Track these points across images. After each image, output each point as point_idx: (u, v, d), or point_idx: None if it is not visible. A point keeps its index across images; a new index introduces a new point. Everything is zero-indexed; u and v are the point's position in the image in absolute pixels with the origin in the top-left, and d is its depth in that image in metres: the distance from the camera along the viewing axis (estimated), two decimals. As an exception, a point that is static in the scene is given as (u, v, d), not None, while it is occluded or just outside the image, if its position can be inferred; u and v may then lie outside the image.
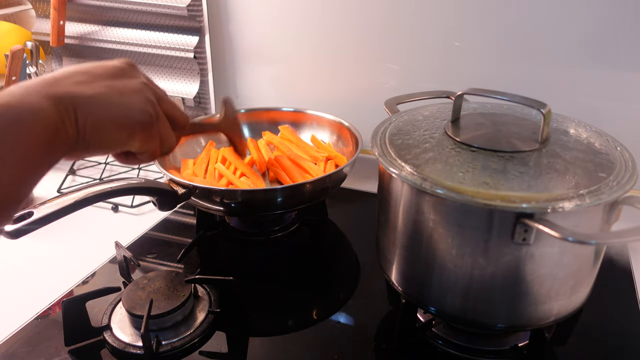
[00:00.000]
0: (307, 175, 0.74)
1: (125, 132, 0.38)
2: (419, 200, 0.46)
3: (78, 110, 0.34)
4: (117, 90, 0.38)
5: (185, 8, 0.89)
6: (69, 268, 0.68)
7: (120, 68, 0.40)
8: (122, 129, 0.38)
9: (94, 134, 0.35)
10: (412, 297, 0.52)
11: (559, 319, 0.48)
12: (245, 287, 0.64)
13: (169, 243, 0.74)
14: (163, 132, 0.43)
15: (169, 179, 0.64)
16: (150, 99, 0.40)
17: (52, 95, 0.33)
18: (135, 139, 0.39)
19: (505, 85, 0.65)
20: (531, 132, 0.49)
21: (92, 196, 0.50)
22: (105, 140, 0.37)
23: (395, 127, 0.54)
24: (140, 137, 0.40)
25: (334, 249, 0.75)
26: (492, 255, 0.44)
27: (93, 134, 0.35)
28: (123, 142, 0.39)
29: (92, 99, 0.35)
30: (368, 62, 0.87)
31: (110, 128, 0.37)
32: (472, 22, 0.78)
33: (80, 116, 0.34)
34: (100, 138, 0.36)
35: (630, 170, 0.45)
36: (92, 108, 0.35)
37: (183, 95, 0.97)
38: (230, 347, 0.55)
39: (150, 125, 0.40)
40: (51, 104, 0.32)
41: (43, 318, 0.59)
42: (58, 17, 0.96)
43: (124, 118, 0.38)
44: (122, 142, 0.39)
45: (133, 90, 0.39)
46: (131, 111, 0.38)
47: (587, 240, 0.38)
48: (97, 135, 0.36)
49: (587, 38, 0.72)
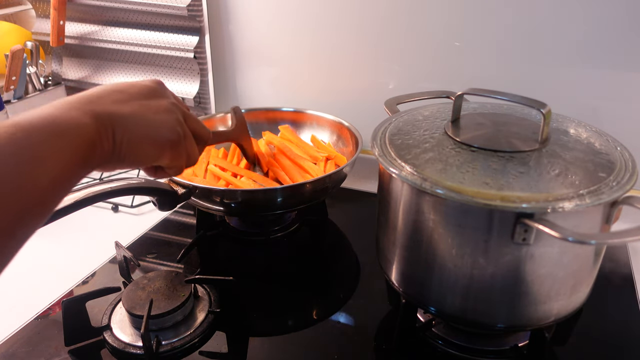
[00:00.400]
0: (307, 175, 0.74)
1: (157, 149, 0.42)
2: (419, 200, 0.46)
3: (116, 127, 0.37)
4: (152, 110, 0.41)
5: (185, 8, 0.89)
6: (69, 268, 0.68)
7: (153, 88, 0.44)
8: (154, 146, 0.41)
9: (128, 150, 0.38)
10: (412, 297, 0.52)
11: (559, 319, 0.48)
12: (245, 287, 0.64)
13: (169, 243, 0.74)
14: (189, 149, 0.46)
15: (169, 179, 0.64)
16: (179, 119, 0.44)
17: (93, 112, 0.36)
18: (165, 156, 0.43)
19: (505, 85, 0.65)
20: (531, 132, 0.49)
21: (92, 196, 0.50)
22: (138, 155, 0.40)
23: (395, 127, 0.54)
24: (170, 154, 0.43)
25: (334, 249, 0.75)
26: (492, 255, 0.44)
27: (128, 150, 0.38)
28: (154, 157, 0.42)
29: (129, 117, 0.39)
30: (368, 62, 0.87)
31: (144, 145, 0.40)
32: (472, 22, 0.78)
33: (118, 133, 0.37)
34: (134, 153, 0.39)
35: (630, 170, 0.45)
36: (128, 126, 0.38)
37: (183, 95, 0.97)
38: (230, 347, 0.55)
39: (179, 143, 0.44)
40: (92, 121, 0.35)
41: (43, 318, 0.59)
42: (58, 17, 0.96)
43: (156, 136, 0.41)
44: (153, 157, 0.42)
45: (164, 110, 0.43)
46: (163, 130, 0.42)
47: (587, 240, 0.38)
48: (132, 151, 0.39)
49: (587, 38, 0.72)
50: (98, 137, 0.36)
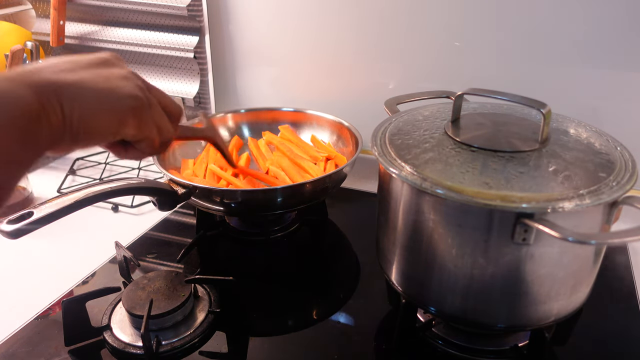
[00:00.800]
0: (307, 175, 0.74)
1: (115, 118, 0.36)
2: (419, 200, 0.46)
3: (62, 98, 0.32)
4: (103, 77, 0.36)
5: (185, 8, 0.89)
6: (69, 268, 0.68)
7: (106, 59, 0.38)
8: (111, 115, 0.36)
9: (82, 122, 0.33)
10: (412, 297, 0.52)
11: (559, 319, 0.48)
12: (245, 287, 0.64)
13: (169, 243, 0.74)
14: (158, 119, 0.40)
15: (169, 179, 0.64)
16: (138, 84, 0.39)
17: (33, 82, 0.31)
18: (128, 125, 0.37)
19: (505, 85, 0.65)
20: (531, 132, 0.49)
21: (92, 196, 0.50)
22: (94, 128, 0.35)
23: (395, 127, 0.54)
24: (133, 122, 0.38)
25: (334, 249, 0.75)
26: (492, 255, 0.44)
27: (81, 122, 0.33)
28: (114, 129, 0.37)
29: (77, 85, 0.34)
30: (368, 62, 0.87)
31: (99, 114, 0.35)
32: (472, 22, 0.78)
33: (66, 104, 0.32)
34: (89, 126, 0.34)
35: (630, 170, 0.45)
36: (77, 95, 0.33)
37: (183, 95, 0.97)
38: (230, 347, 0.55)
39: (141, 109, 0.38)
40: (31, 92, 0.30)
41: (43, 318, 0.59)
42: (58, 17, 0.96)
43: (112, 102, 0.36)
44: (112, 129, 0.37)
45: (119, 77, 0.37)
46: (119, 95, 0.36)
47: (587, 240, 0.38)
48: (86, 124, 0.34)
49: (587, 38, 0.72)
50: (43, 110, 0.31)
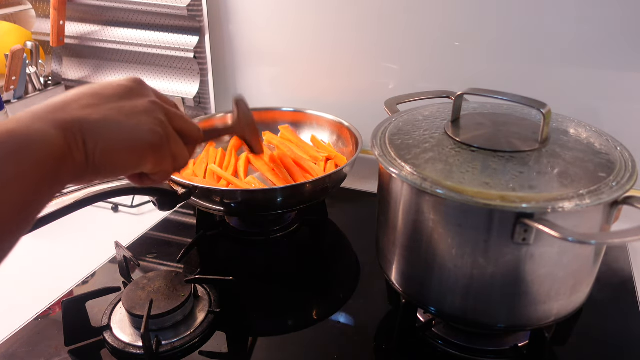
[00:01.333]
0: (307, 175, 0.74)
1: (135, 155, 0.37)
2: (419, 200, 0.46)
3: (87, 135, 0.33)
4: (125, 113, 0.37)
5: (185, 8, 0.89)
6: (69, 268, 0.68)
7: (129, 87, 0.39)
8: (132, 152, 0.37)
9: (104, 159, 0.34)
10: (412, 297, 0.52)
11: (559, 319, 0.48)
12: (245, 287, 0.64)
13: (169, 243, 0.74)
14: (175, 150, 0.41)
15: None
16: (159, 119, 0.39)
17: (60, 121, 0.32)
18: (147, 161, 0.38)
19: (505, 85, 0.65)
20: (531, 132, 0.49)
21: (92, 196, 0.50)
22: (116, 164, 0.36)
23: (395, 127, 0.54)
24: (152, 158, 0.38)
25: (334, 249, 0.75)
26: (492, 255, 0.44)
27: (103, 159, 0.34)
28: (134, 165, 0.38)
29: (101, 123, 0.34)
30: (368, 62, 0.87)
31: (121, 152, 0.36)
32: (472, 22, 0.78)
33: (89, 141, 0.33)
34: (110, 162, 0.35)
35: (630, 170, 0.45)
36: (100, 132, 0.34)
37: (183, 95, 0.97)
38: (230, 347, 0.55)
39: (161, 145, 0.39)
40: (58, 131, 0.31)
41: (43, 318, 0.59)
42: (58, 17, 0.96)
43: (133, 141, 0.36)
44: (133, 165, 0.38)
45: (142, 110, 0.38)
46: (140, 133, 0.37)
47: (587, 240, 0.38)
48: (107, 160, 0.35)
49: (587, 38, 0.72)
50: (67, 148, 0.32)
